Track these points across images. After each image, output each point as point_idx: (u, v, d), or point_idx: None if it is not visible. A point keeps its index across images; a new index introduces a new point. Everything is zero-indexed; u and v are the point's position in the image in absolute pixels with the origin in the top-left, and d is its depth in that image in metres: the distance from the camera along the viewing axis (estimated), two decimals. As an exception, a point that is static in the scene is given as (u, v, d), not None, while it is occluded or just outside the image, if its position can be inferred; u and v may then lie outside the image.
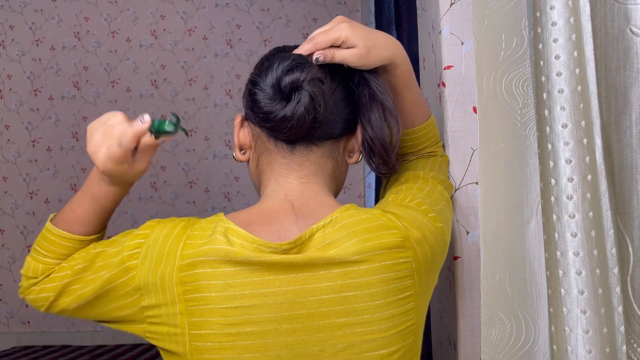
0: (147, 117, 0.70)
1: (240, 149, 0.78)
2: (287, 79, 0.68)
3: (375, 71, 0.75)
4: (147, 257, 0.69)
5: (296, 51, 0.72)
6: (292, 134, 0.70)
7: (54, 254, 0.76)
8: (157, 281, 0.67)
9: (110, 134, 0.69)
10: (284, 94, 0.68)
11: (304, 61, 0.69)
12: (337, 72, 0.74)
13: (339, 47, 0.72)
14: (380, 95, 0.74)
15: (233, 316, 0.64)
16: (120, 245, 0.72)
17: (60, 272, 0.74)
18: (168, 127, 0.71)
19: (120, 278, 0.70)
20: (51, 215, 0.79)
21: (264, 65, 0.72)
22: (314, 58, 0.70)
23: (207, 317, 0.65)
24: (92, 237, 0.78)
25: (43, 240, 0.76)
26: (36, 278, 0.76)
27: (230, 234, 0.67)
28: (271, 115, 0.69)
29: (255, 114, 0.71)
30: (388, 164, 0.76)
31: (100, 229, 0.79)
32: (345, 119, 0.74)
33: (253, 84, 0.71)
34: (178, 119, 0.72)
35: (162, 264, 0.67)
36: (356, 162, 0.79)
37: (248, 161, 0.79)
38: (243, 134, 0.77)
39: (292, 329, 0.65)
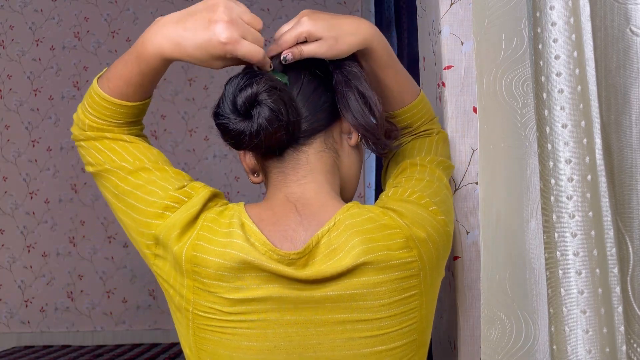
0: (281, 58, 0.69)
1: (253, 173, 0.78)
2: (241, 98, 0.66)
3: (350, 57, 0.74)
4: (177, 216, 0.69)
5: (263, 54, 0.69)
6: (269, 145, 0.69)
7: (97, 113, 0.72)
8: (170, 243, 0.68)
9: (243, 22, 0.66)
10: (242, 114, 0.67)
11: (254, 74, 0.67)
12: (300, 67, 0.73)
13: (305, 42, 0.71)
14: (353, 80, 0.73)
15: (238, 306, 0.66)
16: (168, 183, 0.71)
17: (108, 152, 0.73)
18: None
19: (150, 217, 0.70)
20: (101, 72, 0.75)
21: (222, 93, 0.70)
22: (282, 58, 0.70)
23: (213, 303, 0.66)
24: (131, 104, 0.72)
25: (89, 97, 0.73)
26: (83, 130, 0.74)
27: (246, 230, 0.68)
28: (240, 137, 0.67)
29: (229, 142, 0.70)
30: (381, 144, 0.76)
31: (139, 97, 0.72)
32: (326, 108, 0.74)
33: (215, 115, 0.69)
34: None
35: (179, 233, 0.68)
36: (357, 143, 0.77)
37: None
38: (248, 158, 0.77)
39: (294, 321, 0.66)
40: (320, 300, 0.66)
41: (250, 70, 0.69)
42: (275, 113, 0.66)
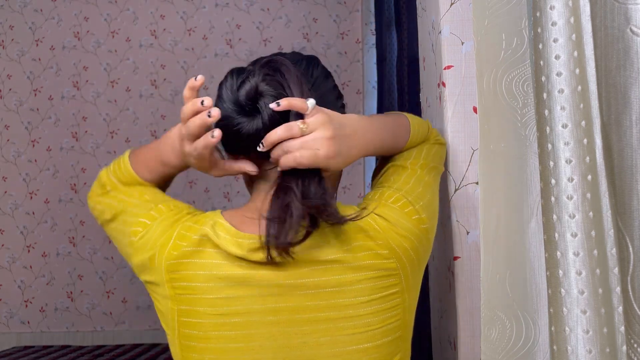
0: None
1: None
2: (243, 93, 0.66)
3: None
4: (145, 237, 0.72)
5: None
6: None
7: (118, 178, 0.83)
8: (147, 263, 0.71)
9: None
10: (249, 110, 0.67)
11: (241, 69, 0.70)
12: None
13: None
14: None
15: (220, 306, 0.66)
16: (134, 217, 0.76)
17: (113, 202, 0.80)
18: None
19: (126, 248, 0.75)
20: (133, 148, 0.86)
21: (217, 97, 0.70)
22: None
23: (195, 306, 0.67)
24: (151, 185, 0.83)
25: (117, 164, 0.84)
26: (102, 188, 0.84)
27: (218, 227, 0.69)
28: (256, 135, 0.67)
29: (242, 144, 0.69)
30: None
31: (159, 184, 0.84)
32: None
33: (223, 121, 0.68)
34: None
35: (156, 249, 0.70)
36: None
37: None
38: None
39: (277, 321, 0.66)
40: (300, 298, 0.66)
41: (237, 69, 0.70)
42: (277, 98, 0.66)
